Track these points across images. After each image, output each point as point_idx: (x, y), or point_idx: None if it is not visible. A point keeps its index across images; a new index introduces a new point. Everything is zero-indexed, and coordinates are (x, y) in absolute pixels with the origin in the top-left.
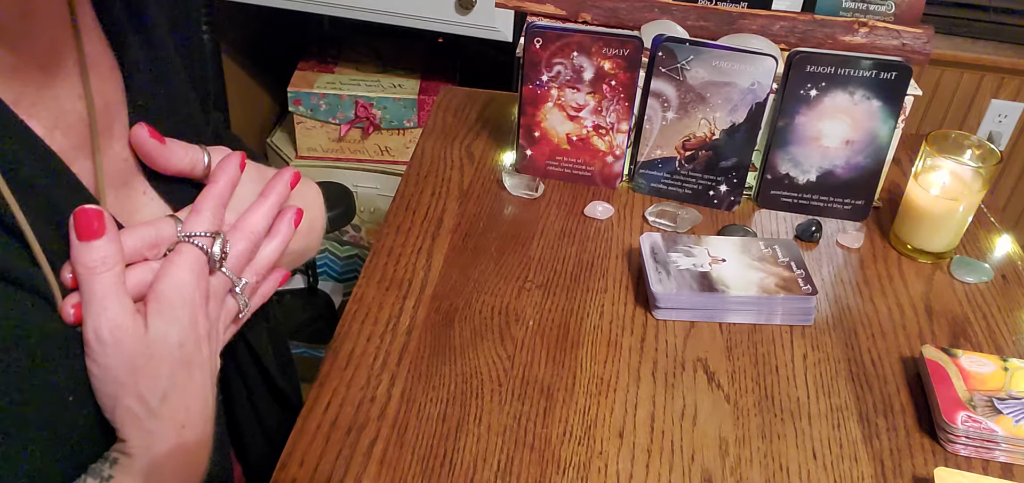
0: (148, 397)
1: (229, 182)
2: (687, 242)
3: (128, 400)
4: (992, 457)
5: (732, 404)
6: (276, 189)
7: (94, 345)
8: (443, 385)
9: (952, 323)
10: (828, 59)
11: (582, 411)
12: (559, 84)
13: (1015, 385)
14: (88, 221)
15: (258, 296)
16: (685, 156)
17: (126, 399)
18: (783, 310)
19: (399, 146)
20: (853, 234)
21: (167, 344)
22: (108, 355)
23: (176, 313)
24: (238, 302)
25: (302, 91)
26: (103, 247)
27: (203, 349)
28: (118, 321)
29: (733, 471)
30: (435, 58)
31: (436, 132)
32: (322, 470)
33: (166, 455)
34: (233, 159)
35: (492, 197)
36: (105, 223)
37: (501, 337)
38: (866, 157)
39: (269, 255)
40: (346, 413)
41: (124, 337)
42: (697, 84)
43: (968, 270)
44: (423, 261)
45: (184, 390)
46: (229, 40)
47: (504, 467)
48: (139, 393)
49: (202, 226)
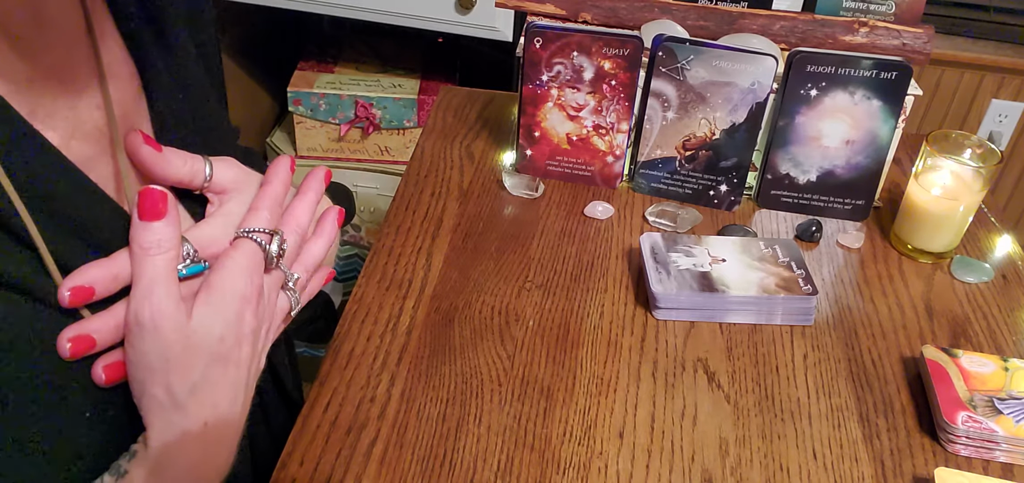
0: (176, 388)
1: (283, 184)
2: (687, 242)
3: (155, 389)
4: (992, 457)
5: (732, 404)
6: (313, 186)
7: (133, 328)
8: (443, 385)
9: (952, 323)
10: (828, 59)
11: (582, 411)
12: (559, 84)
13: (1015, 385)
14: (153, 202)
15: (305, 294)
16: (685, 156)
17: (153, 387)
18: (783, 310)
19: (399, 146)
20: (853, 234)
21: (208, 337)
22: (145, 340)
23: (224, 306)
24: (290, 299)
25: (302, 91)
26: (161, 230)
27: (244, 347)
28: (161, 307)
29: (733, 471)
30: (435, 58)
31: (436, 132)
32: (322, 470)
33: (184, 450)
34: (284, 161)
35: (492, 197)
36: (168, 206)
37: (501, 337)
38: (866, 157)
39: (317, 253)
40: (346, 413)
41: (164, 324)
42: (697, 84)
43: (968, 270)
44: (423, 261)
45: (215, 386)
46: (229, 40)
47: (504, 467)
48: (168, 383)
49: (261, 223)
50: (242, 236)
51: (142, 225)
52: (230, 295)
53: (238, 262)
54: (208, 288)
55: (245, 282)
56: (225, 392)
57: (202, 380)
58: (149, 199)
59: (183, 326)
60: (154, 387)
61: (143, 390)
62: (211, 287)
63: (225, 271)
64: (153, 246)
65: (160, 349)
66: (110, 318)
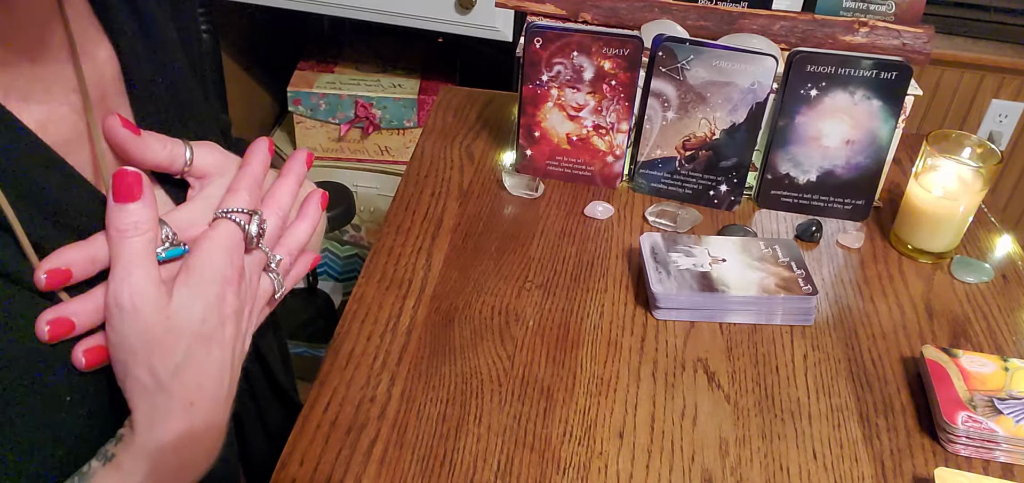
0: (159, 369)
1: (262, 164)
2: (687, 242)
3: (138, 371)
4: (992, 457)
5: (732, 404)
6: (294, 169)
7: (113, 311)
8: (443, 385)
9: (952, 323)
10: (828, 59)
11: (582, 411)
12: (559, 84)
13: (1015, 385)
14: (128, 184)
15: (290, 278)
16: (685, 156)
17: (136, 369)
18: (783, 310)
19: (399, 146)
20: (853, 234)
21: (189, 317)
22: (125, 323)
23: (205, 287)
24: (273, 282)
25: (302, 91)
26: (137, 211)
27: (227, 327)
28: (140, 289)
29: (733, 471)
30: (435, 58)
31: (436, 132)
32: (322, 470)
33: (171, 433)
34: (263, 143)
35: (492, 197)
36: (143, 188)
37: (501, 337)
38: (866, 157)
39: (300, 236)
40: (346, 413)
41: (144, 306)
42: (697, 84)
43: (968, 270)
44: (423, 261)
45: (199, 367)
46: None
47: (504, 467)
48: (151, 365)
49: (239, 203)
50: (220, 217)
51: (118, 207)
52: (210, 275)
53: (217, 242)
54: (187, 269)
55: (225, 262)
56: (210, 372)
57: (185, 361)
58: (124, 181)
59: (164, 307)
60: (137, 369)
61: (126, 372)
62: (190, 268)
63: (204, 252)
64: (130, 228)
65: (141, 331)
66: (89, 301)
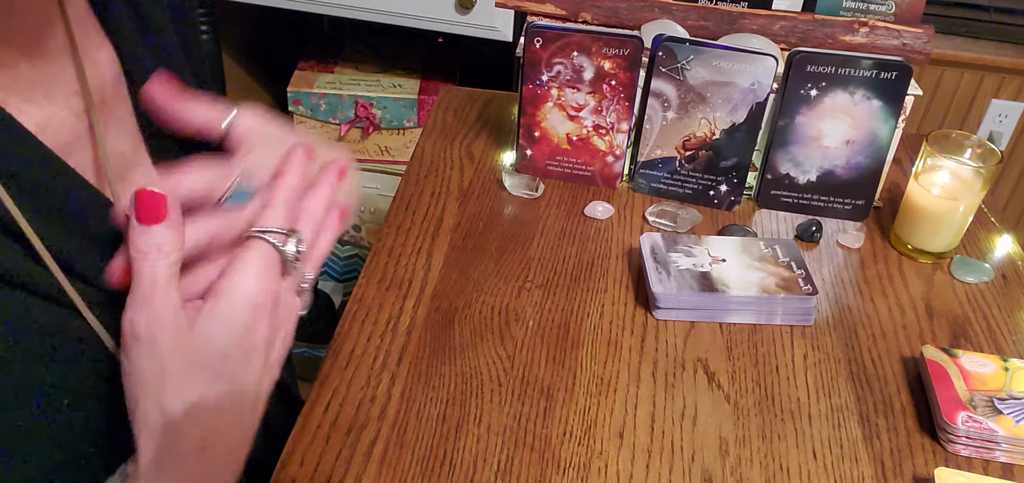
0: (170, 407)
1: (300, 176)
2: (687, 242)
3: (147, 405)
4: (992, 457)
5: (732, 404)
6: (329, 181)
7: (128, 339)
8: (443, 385)
9: (952, 323)
10: (828, 59)
11: (582, 411)
12: (559, 84)
13: (1015, 385)
14: (155, 205)
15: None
16: (685, 156)
17: (145, 404)
18: (783, 310)
19: (399, 146)
20: (853, 234)
21: (210, 351)
22: (141, 353)
23: (233, 317)
24: (305, 302)
25: (302, 91)
26: (161, 233)
27: (253, 361)
28: (159, 317)
29: (733, 471)
30: (435, 58)
31: (436, 132)
32: (322, 470)
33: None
34: (301, 150)
35: (492, 197)
36: (169, 208)
37: (501, 337)
38: (866, 157)
39: (324, 251)
40: (346, 413)
41: (161, 335)
42: (697, 84)
43: (968, 270)
44: (423, 261)
45: (215, 408)
46: (229, 40)
47: (504, 467)
48: (161, 402)
49: (276, 221)
50: (255, 236)
51: (140, 228)
52: (239, 302)
53: (250, 265)
54: (216, 295)
55: (257, 288)
56: (226, 415)
57: (200, 399)
58: (148, 201)
59: (183, 337)
60: (146, 404)
61: (136, 405)
62: (219, 295)
63: (236, 275)
64: (153, 251)
65: (156, 361)
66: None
